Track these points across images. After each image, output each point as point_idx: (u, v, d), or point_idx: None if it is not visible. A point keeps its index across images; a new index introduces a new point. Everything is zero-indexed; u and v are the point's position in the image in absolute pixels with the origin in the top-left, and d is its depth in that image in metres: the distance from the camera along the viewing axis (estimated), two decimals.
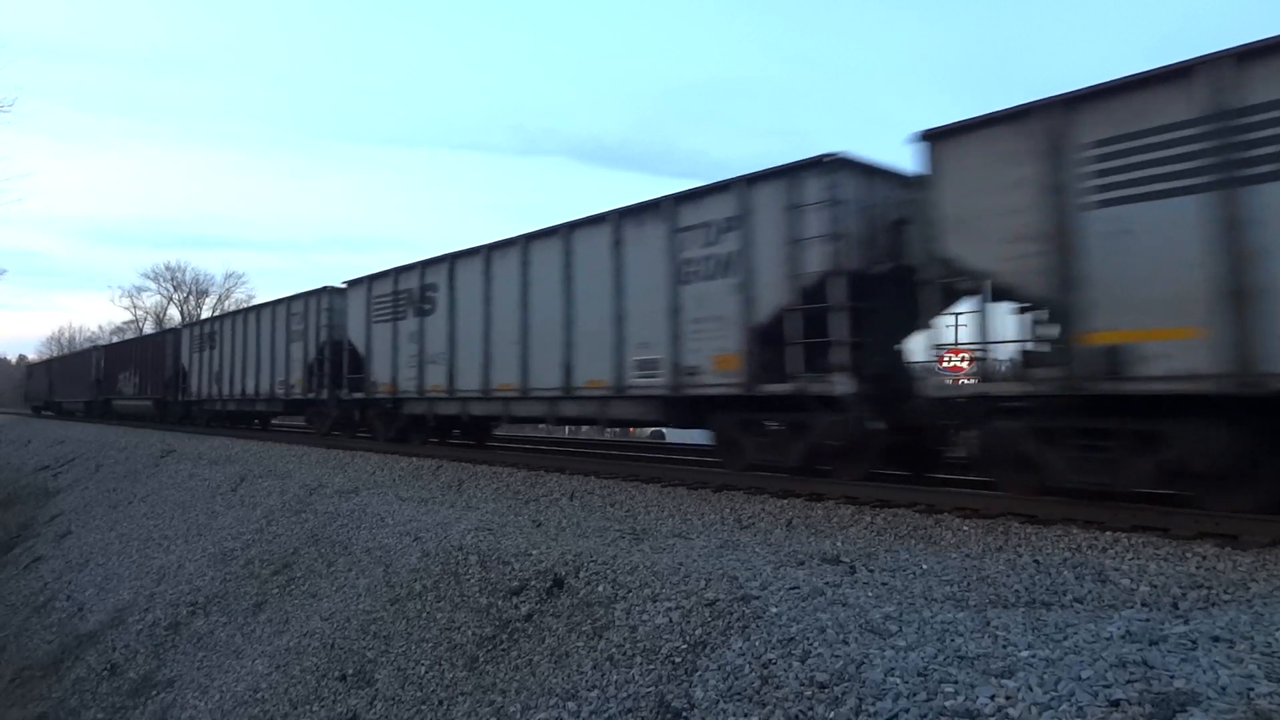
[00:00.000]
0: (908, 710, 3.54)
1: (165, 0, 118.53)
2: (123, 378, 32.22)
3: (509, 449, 15.83)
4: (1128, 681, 3.43)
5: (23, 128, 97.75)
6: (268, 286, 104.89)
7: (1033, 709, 3.35)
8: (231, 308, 54.71)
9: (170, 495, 15.77)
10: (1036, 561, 5.79)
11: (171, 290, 67.11)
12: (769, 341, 8.90)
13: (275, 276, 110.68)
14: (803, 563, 6.03)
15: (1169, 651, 3.70)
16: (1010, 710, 3.38)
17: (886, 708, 3.60)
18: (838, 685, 3.88)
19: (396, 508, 10.12)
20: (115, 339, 55.08)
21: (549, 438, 23.77)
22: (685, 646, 4.87)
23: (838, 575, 5.62)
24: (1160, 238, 6.31)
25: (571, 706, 4.98)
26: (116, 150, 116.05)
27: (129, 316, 68.53)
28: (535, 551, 6.96)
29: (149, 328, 59.67)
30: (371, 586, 8.01)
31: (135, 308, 68.36)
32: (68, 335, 78.72)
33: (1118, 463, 6.71)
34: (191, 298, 66.91)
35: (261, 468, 15.15)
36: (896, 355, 9.01)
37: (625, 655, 5.12)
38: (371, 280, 16.12)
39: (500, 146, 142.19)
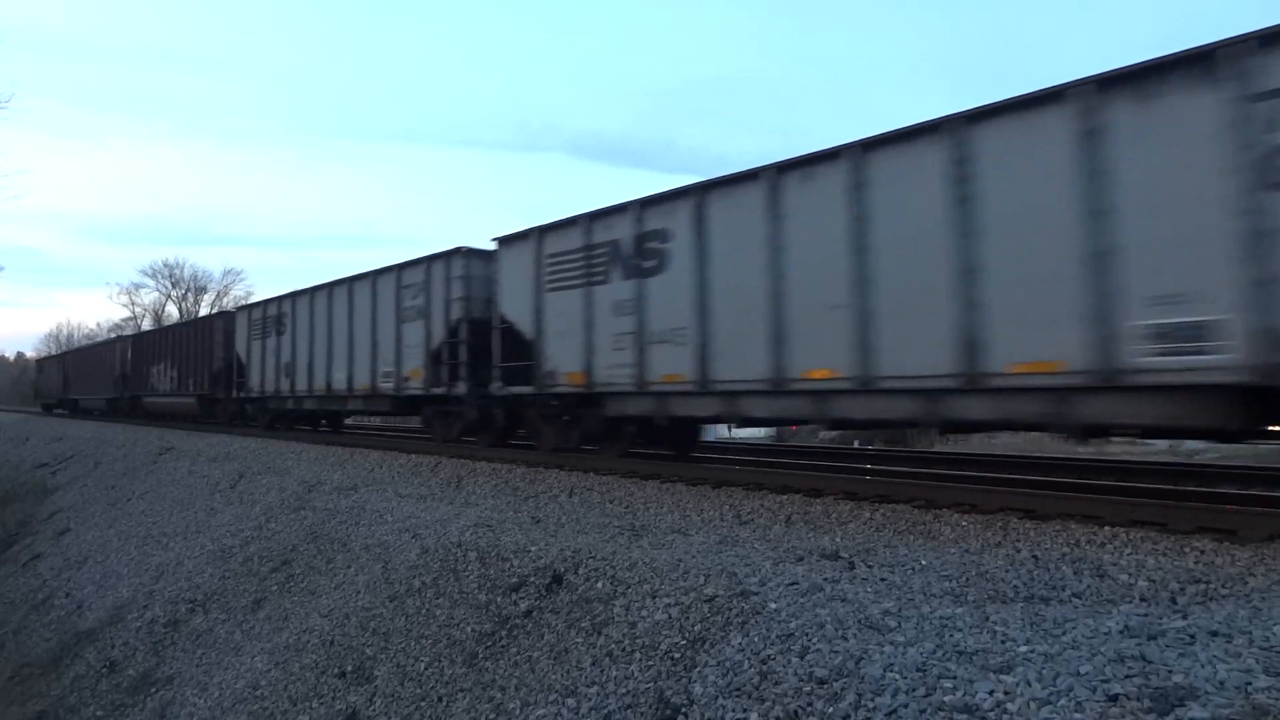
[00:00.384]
0: (906, 706, 3.55)
1: None
2: (156, 372, 27.99)
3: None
4: (1126, 676, 3.43)
5: (20, 124, 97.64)
6: (266, 283, 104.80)
7: (1031, 704, 3.35)
8: (230, 305, 54.02)
9: (169, 492, 15.77)
10: (1035, 557, 5.80)
11: (169, 287, 67.03)
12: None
13: (274, 274, 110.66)
14: (802, 558, 6.03)
15: (1167, 646, 3.71)
16: (1009, 705, 3.38)
17: (885, 703, 3.60)
18: (837, 681, 3.88)
19: (395, 504, 10.12)
20: (114, 334, 53.08)
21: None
22: (684, 643, 4.87)
23: (837, 571, 5.63)
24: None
25: (571, 703, 4.99)
26: (114, 147, 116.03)
27: (127, 314, 68.41)
28: (534, 548, 6.96)
29: (147, 324, 59.26)
30: (371, 583, 8.01)
31: (133, 305, 68.28)
32: (65, 332, 78.60)
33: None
34: (190, 295, 66.85)
35: (260, 465, 15.14)
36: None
37: (624, 651, 5.12)
38: (542, 233, 11.71)
39: (501, 143, 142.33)
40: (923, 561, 5.82)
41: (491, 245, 13.00)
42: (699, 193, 9.46)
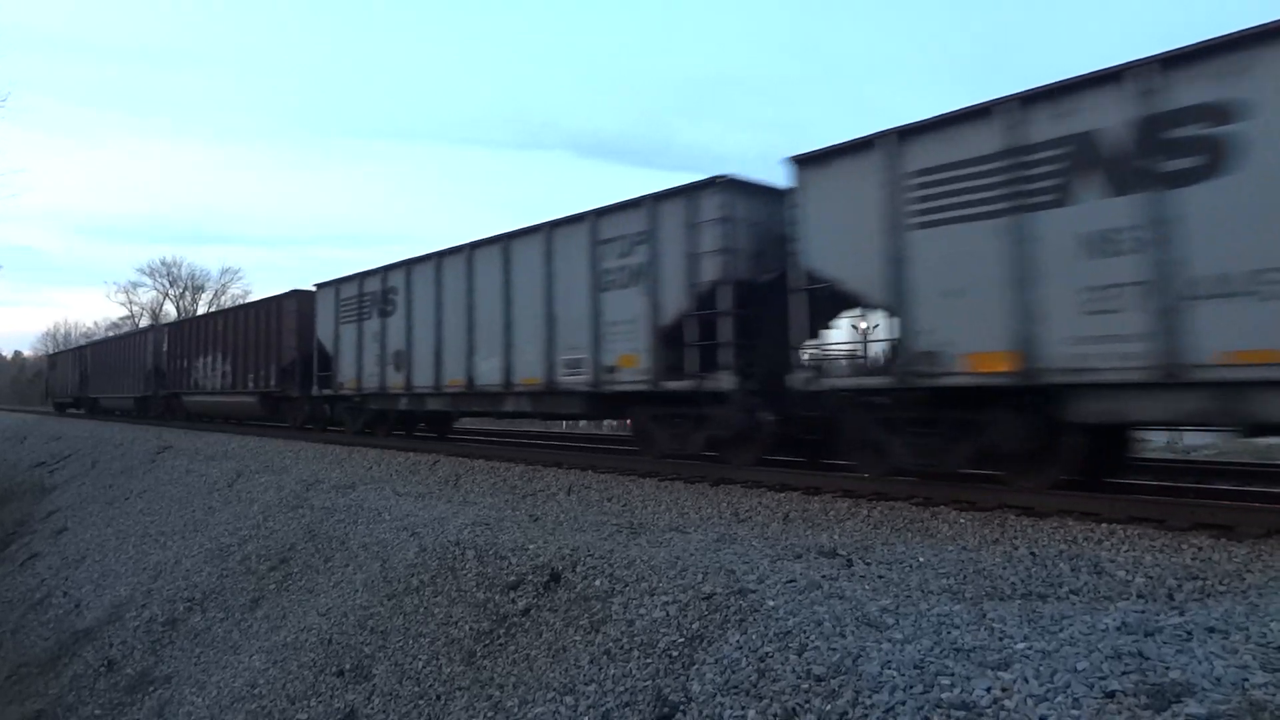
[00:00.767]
0: (904, 703, 3.55)
1: None
2: (202, 366, 23.53)
3: None
4: (1123, 673, 3.44)
5: (18, 122, 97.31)
6: (264, 282, 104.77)
7: (1029, 701, 3.35)
8: (229, 303, 53.18)
9: (167, 491, 15.75)
10: (1033, 554, 5.81)
11: (167, 286, 66.99)
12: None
13: (272, 272, 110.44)
14: (800, 556, 6.03)
15: (1164, 643, 3.72)
16: (1006, 702, 3.38)
17: (883, 700, 3.60)
18: (834, 678, 3.88)
19: (393, 503, 10.11)
20: (111, 332, 52.04)
21: None
22: (682, 640, 4.87)
23: (834, 568, 5.63)
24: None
25: (569, 701, 4.99)
26: (113, 145, 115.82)
27: (125, 312, 68.31)
28: (532, 546, 6.96)
29: (145, 323, 58.96)
30: (369, 582, 8.01)
31: (131, 304, 68.19)
32: (63, 331, 78.54)
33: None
34: (187, 293, 66.78)
35: (258, 463, 15.13)
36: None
37: (622, 649, 5.12)
38: (903, 138, 7.73)
39: (500, 141, 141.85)
40: (920, 559, 5.82)
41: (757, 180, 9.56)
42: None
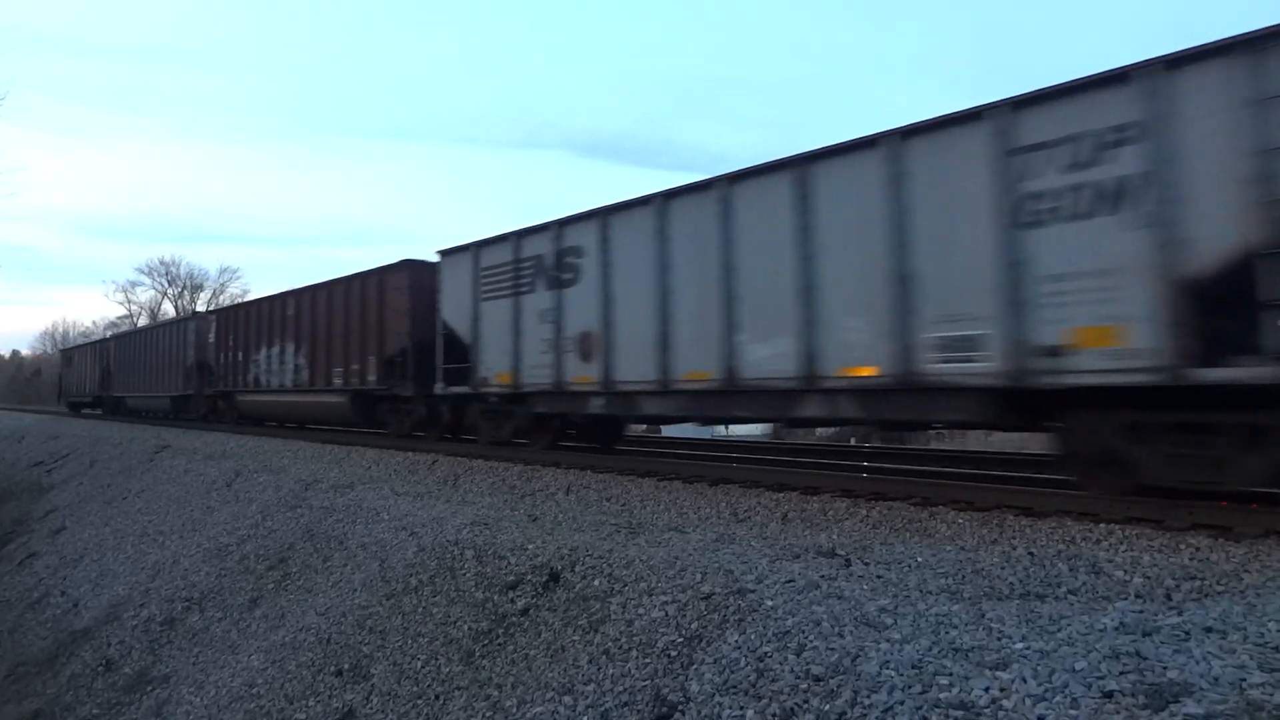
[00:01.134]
0: (903, 703, 3.55)
1: None
2: (264, 359, 19.60)
3: None
4: (1121, 673, 3.44)
5: (17, 121, 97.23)
6: (263, 281, 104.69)
7: (1027, 701, 3.36)
8: (227, 302, 52.59)
9: (165, 491, 15.73)
10: (1031, 554, 5.81)
11: (165, 285, 66.91)
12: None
13: (271, 271, 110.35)
14: (798, 556, 6.04)
15: (1162, 643, 3.72)
16: (1005, 702, 3.39)
17: (881, 700, 3.60)
18: (833, 678, 3.89)
19: (392, 503, 10.11)
20: (109, 332, 50.12)
21: None
22: (681, 640, 4.87)
23: (833, 568, 5.63)
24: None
25: (568, 700, 4.99)
26: (111, 144, 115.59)
27: (123, 311, 68.19)
28: (531, 546, 6.96)
29: (143, 323, 58.64)
30: (367, 581, 8.00)
31: (129, 303, 68.07)
32: (61, 330, 78.39)
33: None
34: (186, 293, 66.70)
35: (256, 463, 15.12)
36: None
37: (621, 649, 5.12)
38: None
39: (499, 140, 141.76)
40: (919, 559, 5.82)
41: None
42: None
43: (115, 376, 32.00)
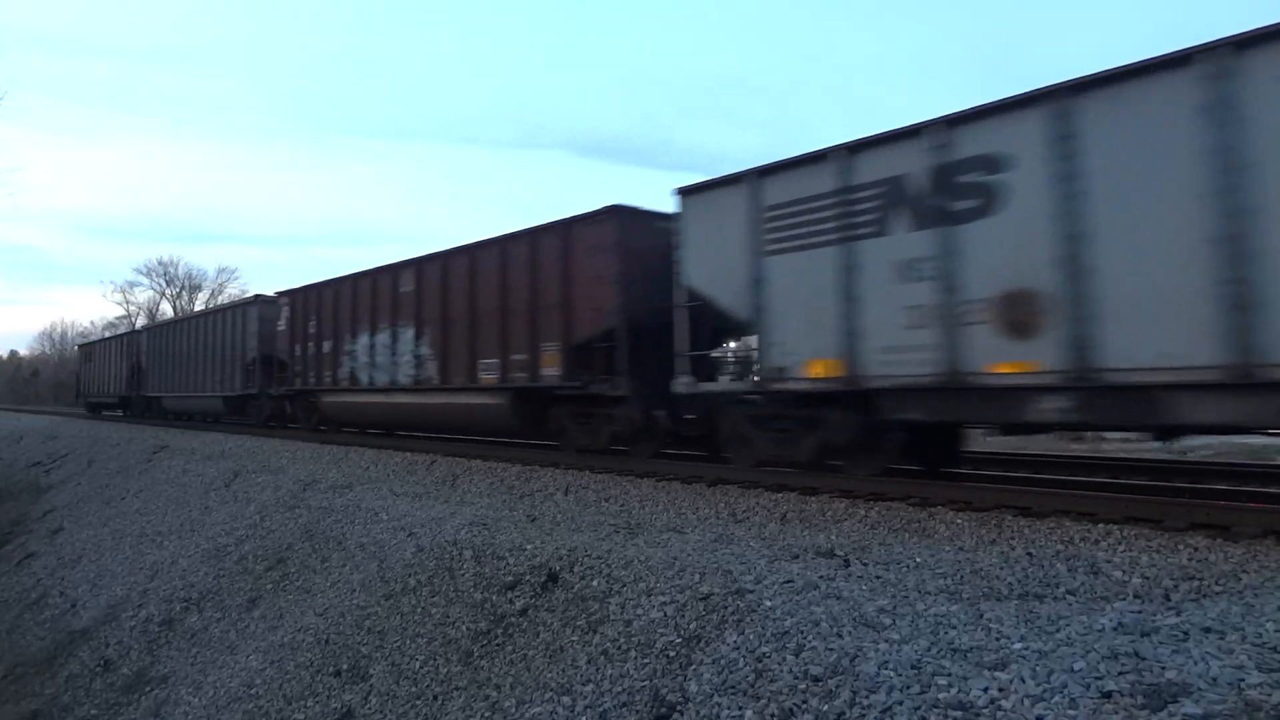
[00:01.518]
0: (901, 703, 3.55)
1: None
2: (361, 351, 15.51)
3: None
4: (1120, 673, 3.44)
5: (16, 121, 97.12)
6: (261, 281, 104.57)
7: (1025, 701, 3.36)
8: (225, 300, 50.94)
9: (163, 491, 15.72)
10: (1030, 554, 5.82)
11: (164, 285, 66.82)
12: None
13: (270, 271, 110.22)
14: (797, 556, 6.04)
15: (1161, 643, 3.73)
16: (1003, 702, 3.39)
17: (880, 700, 3.61)
18: (832, 678, 3.89)
19: (391, 503, 10.10)
20: (107, 332, 47.28)
21: None
22: (680, 640, 4.87)
23: (832, 569, 5.63)
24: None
25: (566, 701, 4.99)
26: (110, 143, 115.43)
27: (121, 312, 68.08)
28: (530, 546, 6.96)
29: (141, 323, 58.18)
30: (366, 582, 8.00)
31: (128, 303, 67.96)
32: (60, 330, 78.26)
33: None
34: (184, 293, 66.63)
35: (255, 463, 15.11)
36: None
37: (620, 649, 5.12)
38: None
39: (499, 140, 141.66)
40: (918, 559, 5.83)
41: None
42: None
43: (149, 374, 27.95)
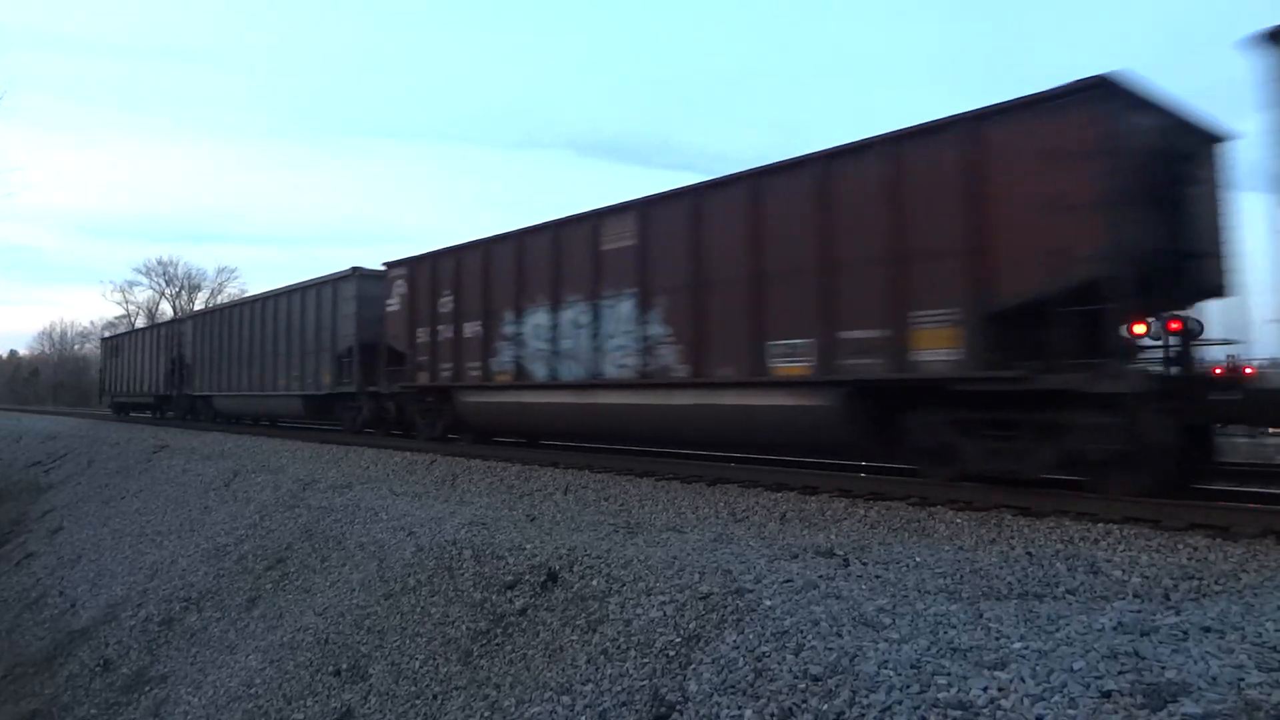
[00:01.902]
0: (901, 702, 3.55)
1: None
2: (528, 333, 11.97)
3: None
4: (1119, 672, 3.44)
5: (14, 120, 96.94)
6: (261, 281, 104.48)
7: (1025, 700, 3.36)
8: (224, 300, 49.93)
9: (163, 491, 15.72)
10: (1029, 554, 5.82)
11: (163, 285, 66.76)
12: None
13: (269, 270, 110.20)
14: (796, 556, 6.04)
15: (1160, 642, 3.72)
16: (1003, 702, 3.39)
17: (880, 700, 3.60)
18: (831, 678, 3.88)
19: (390, 502, 10.10)
20: (106, 331, 45.01)
21: None
22: (679, 640, 4.87)
23: (831, 568, 5.63)
24: None
25: (566, 700, 4.99)
26: (109, 143, 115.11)
27: (120, 311, 68.03)
28: (529, 546, 6.96)
29: (140, 323, 57.89)
30: (365, 581, 8.00)
31: (127, 302, 67.91)
32: (59, 330, 78.19)
33: None
34: (184, 292, 66.60)
35: (255, 463, 15.10)
36: None
37: (619, 649, 5.12)
38: None
39: (500, 140, 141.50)
40: (917, 558, 5.83)
41: None
42: None
43: (196, 369, 24.02)
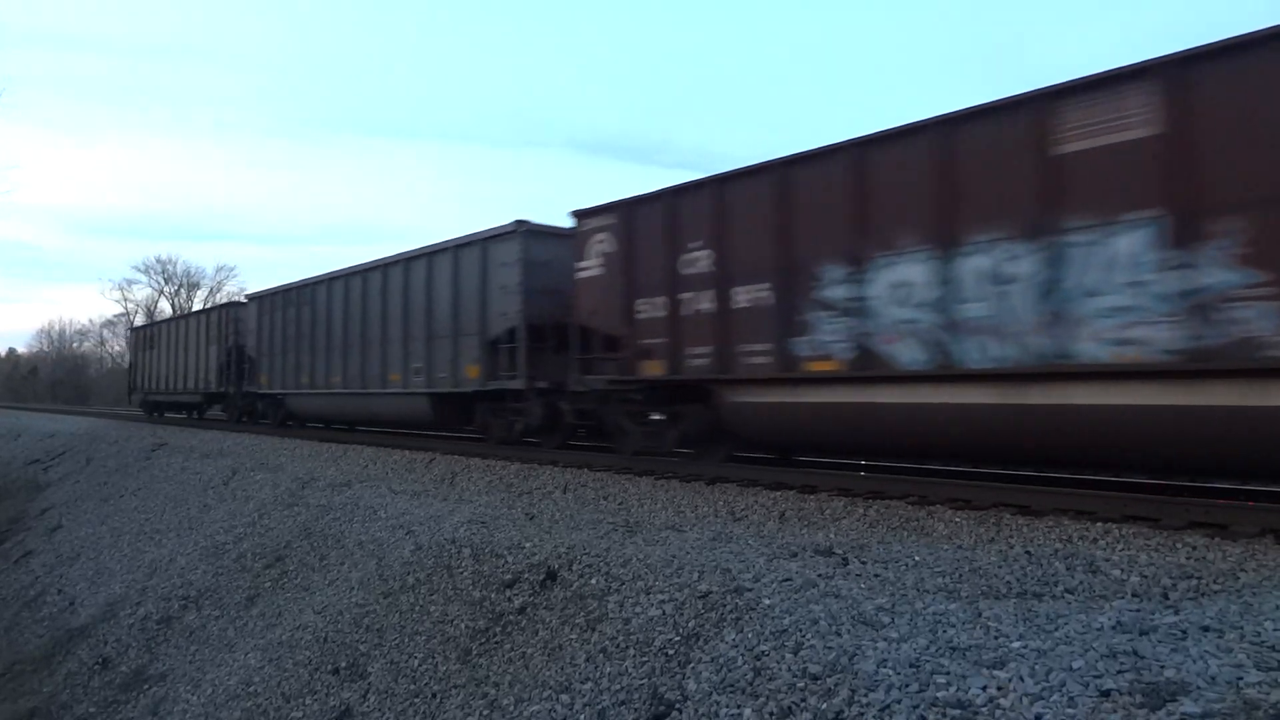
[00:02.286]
0: (900, 701, 3.55)
1: None
2: (917, 289, 7.27)
3: None
4: (1118, 672, 3.44)
5: (13, 118, 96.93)
6: (260, 279, 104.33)
7: (1024, 699, 3.36)
8: (224, 299, 48.10)
9: (162, 489, 15.71)
10: (1028, 552, 5.82)
11: (162, 283, 66.67)
12: None
13: (268, 269, 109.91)
14: (795, 555, 6.04)
15: (1159, 642, 3.73)
16: (1002, 701, 3.39)
17: (879, 699, 3.61)
18: (830, 677, 3.89)
19: (389, 501, 10.10)
20: (105, 326, 44.71)
21: None
22: (678, 639, 4.87)
23: (830, 567, 5.63)
24: None
25: (565, 699, 4.99)
26: (108, 140, 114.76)
27: (119, 309, 67.94)
28: (528, 544, 6.96)
29: (139, 321, 57.53)
30: (364, 580, 8.00)
31: (126, 301, 67.83)
32: (57, 328, 78.06)
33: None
34: (183, 291, 66.50)
35: (253, 461, 15.10)
36: None
37: (618, 647, 5.12)
38: None
39: (500, 138, 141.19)
40: (916, 557, 5.83)
41: None
42: None
43: (262, 361, 19.62)
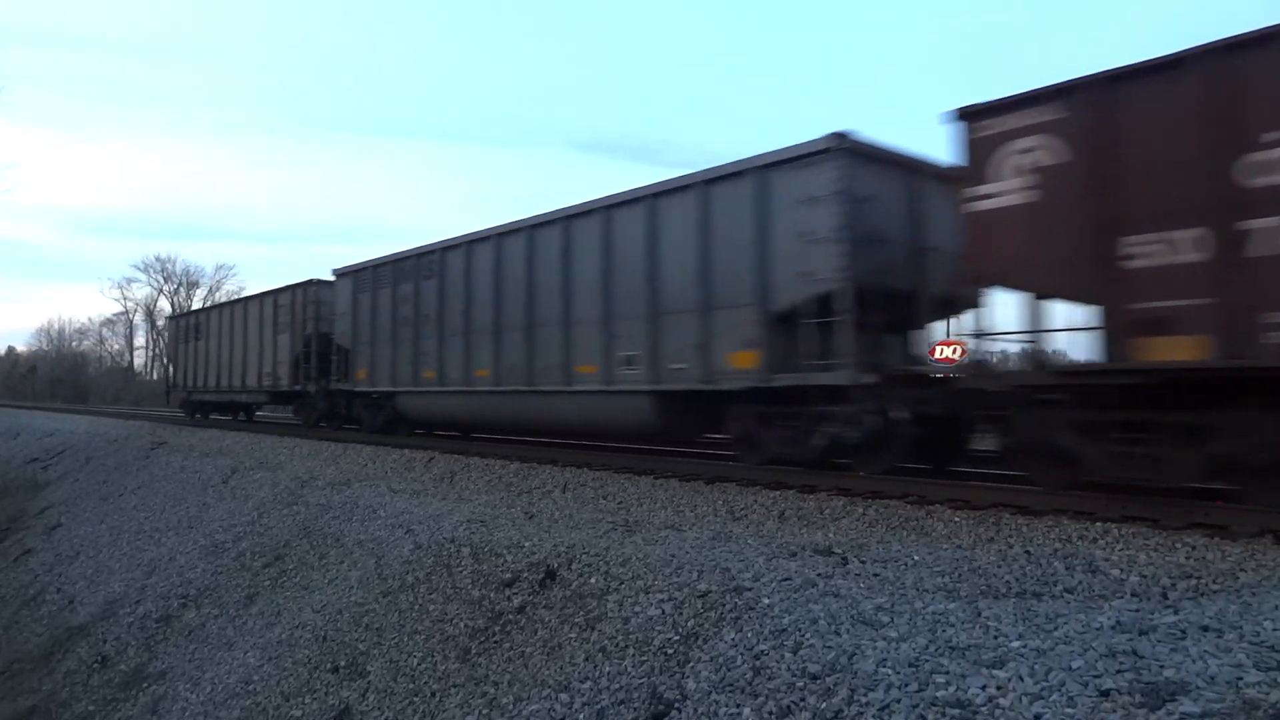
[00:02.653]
0: (899, 701, 3.55)
1: None
2: None
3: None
4: (1118, 671, 3.44)
5: (12, 116, 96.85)
6: (259, 279, 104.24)
7: (1023, 699, 3.36)
8: (223, 298, 47.46)
9: (161, 487, 15.70)
10: (1028, 552, 5.82)
11: (161, 282, 66.60)
12: None
13: (267, 268, 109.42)
14: (795, 554, 6.04)
15: (1159, 641, 3.73)
16: (1001, 700, 3.39)
17: (878, 698, 3.60)
18: (830, 676, 3.89)
19: (389, 500, 10.10)
20: (104, 325, 43.56)
21: None
22: (677, 638, 4.87)
23: (830, 567, 5.63)
24: None
25: (564, 698, 4.98)
26: (108, 140, 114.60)
27: (119, 308, 67.87)
28: (528, 543, 6.96)
29: (139, 320, 57.50)
30: (363, 578, 7.99)
31: (125, 299, 67.74)
32: (56, 327, 77.96)
33: None
34: (182, 289, 66.42)
35: (253, 460, 15.09)
36: None
37: (617, 647, 5.12)
38: None
39: (499, 137, 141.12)
40: (915, 557, 5.83)
41: None
42: None
43: (362, 352, 15.82)
